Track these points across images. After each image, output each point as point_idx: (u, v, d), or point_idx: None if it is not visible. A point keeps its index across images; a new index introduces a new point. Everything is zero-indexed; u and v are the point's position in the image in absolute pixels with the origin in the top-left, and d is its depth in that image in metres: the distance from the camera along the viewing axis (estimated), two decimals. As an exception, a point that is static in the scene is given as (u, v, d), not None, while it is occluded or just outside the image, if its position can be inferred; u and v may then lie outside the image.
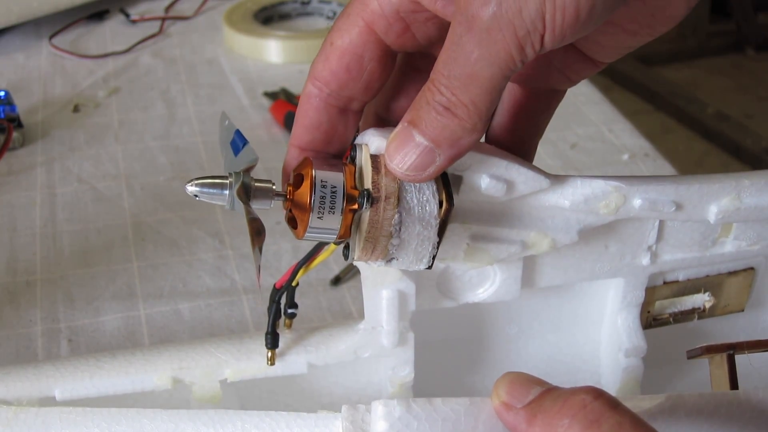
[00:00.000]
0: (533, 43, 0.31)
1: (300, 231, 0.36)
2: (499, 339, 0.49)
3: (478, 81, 0.32)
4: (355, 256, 0.37)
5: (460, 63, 0.32)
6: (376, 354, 0.44)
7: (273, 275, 0.67)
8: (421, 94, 0.34)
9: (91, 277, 0.67)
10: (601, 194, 0.40)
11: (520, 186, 0.39)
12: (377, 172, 0.35)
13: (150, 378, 0.42)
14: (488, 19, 0.31)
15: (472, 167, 0.38)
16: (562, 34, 0.31)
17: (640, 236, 0.44)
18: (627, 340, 0.47)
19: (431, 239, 0.36)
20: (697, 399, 0.35)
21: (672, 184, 0.41)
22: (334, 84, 0.38)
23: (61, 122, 0.91)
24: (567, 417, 0.29)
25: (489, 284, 0.43)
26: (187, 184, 0.36)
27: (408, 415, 0.33)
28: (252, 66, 1.03)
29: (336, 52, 0.37)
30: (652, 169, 0.83)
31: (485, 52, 0.31)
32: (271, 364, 0.43)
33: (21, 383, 0.41)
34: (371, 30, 0.37)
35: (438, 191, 0.36)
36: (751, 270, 0.49)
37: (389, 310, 0.42)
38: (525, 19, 0.30)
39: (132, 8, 1.17)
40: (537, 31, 0.31)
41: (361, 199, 0.35)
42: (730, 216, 0.43)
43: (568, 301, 0.49)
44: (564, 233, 0.41)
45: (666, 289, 0.48)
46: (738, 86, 2.84)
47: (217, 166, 0.82)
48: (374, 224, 0.35)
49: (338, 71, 0.37)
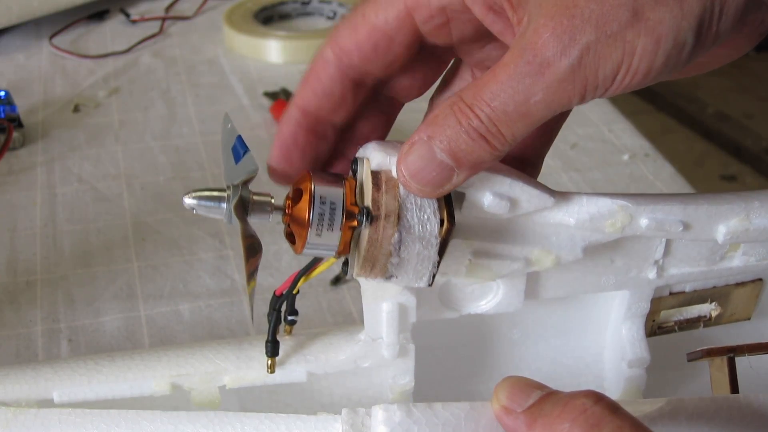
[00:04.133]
0: (595, 95, 0.31)
1: (298, 246, 0.36)
2: (502, 343, 0.49)
3: (529, 120, 0.32)
4: (354, 272, 0.36)
5: (516, 101, 0.31)
6: (377, 364, 0.43)
7: (273, 275, 0.67)
8: (450, 112, 0.33)
9: (92, 277, 0.67)
10: (607, 213, 0.39)
11: (524, 204, 0.38)
12: (378, 189, 0.35)
13: (149, 384, 0.42)
14: (565, 71, 0.30)
15: (475, 185, 0.37)
16: (622, 90, 0.31)
17: (646, 251, 0.43)
18: (631, 351, 0.46)
19: (431, 258, 0.35)
20: (698, 403, 0.35)
21: (680, 204, 0.41)
22: (357, 57, 0.37)
23: (61, 122, 0.91)
24: (567, 421, 0.29)
25: (492, 296, 0.43)
26: (185, 196, 0.35)
27: (408, 420, 0.33)
28: (252, 66, 1.03)
29: (367, 26, 0.36)
30: (653, 169, 0.83)
31: (548, 98, 0.31)
32: (271, 372, 0.42)
33: (19, 385, 0.41)
34: (410, 16, 0.36)
35: (439, 209, 0.35)
36: (760, 281, 0.48)
37: (389, 323, 0.41)
38: (599, 77, 0.31)
39: (132, 8, 1.17)
40: (605, 87, 0.31)
41: (361, 216, 0.34)
42: (738, 237, 0.42)
43: (572, 307, 0.49)
44: (568, 250, 0.40)
45: (672, 299, 0.47)
46: (738, 86, 2.84)
47: (218, 166, 0.82)
48: (373, 242, 0.35)
49: (364, 46, 0.36)
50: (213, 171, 0.82)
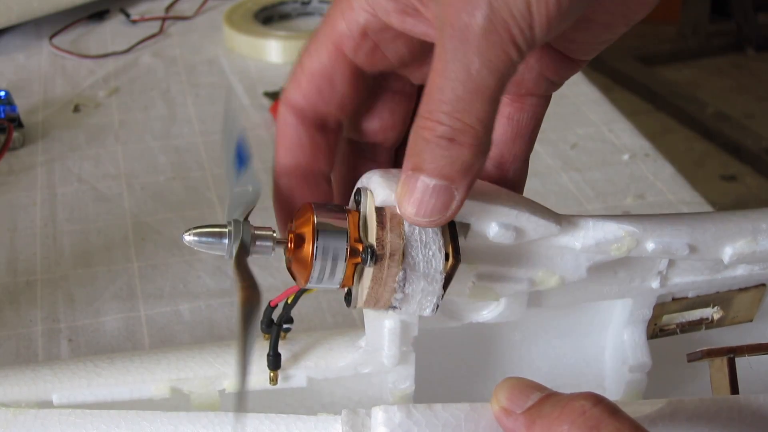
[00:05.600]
0: (526, 39, 0.30)
1: (300, 283, 0.36)
2: (503, 346, 0.49)
3: (483, 94, 0.31)
4: (357, 305, 0.36)
5: (460, 79, 0.31)
6: (377, 371, 0.43)
7: (273, 275, 0.67)
8: (417, 134, 0.32)
9: (92, 277, 0.67)
10: (613, 238, 0.39)
11: (530, 233, 0.38)
12: (382, 227, 0.34)
13: (148, 387, 0.42)
14: (483, 23, 0.30)
15: (481, 217, 0.36)
16: (548, 24, 0.30)
17: (650, 263, 0.43)
18: (632, 357, 0.46)
19: (436, 293, 0.35)
20: (698, 404, 0.35)
21: (687, 228, 0.40)
22: (307, 106, 0.37)
23: (61, 122, 0.91)
24: (566, 423, 0.29)
25: (494, 306, 0.42)
26: (184, 233, 0.35)
27: (408, 421, 0.33)
28: (252, 66, 1.03)
29: (306, 75, 0.37)
30: (653, 169, 0.83)
31: (485, 60, 0.30)
32: (274, 384, 0.42)
33: (19, 387, 0.41)
34: (340, 51, 0.36)
35: (445, 245, 0.35)
36: (763, 286, 0.48)
37: (391, 338, 0.41)
38: (516, 15, 0.30)
39: (132, 8, 1.17)
40: (527, 25, 0.30)
41: (365, 255, 0.34)
42: (744, 258, 0.41)
43: (574, 311, 0.48)
44: (573, 271, 0.40)
45: (674, 304, 0.47)
46: (738, 86, 2.84)
47: (218, 165, 0.82)
48: (377, 280, 0.34)
49: (309, 94, 0.37)
50: (213, 171, 0.82)
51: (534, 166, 0.42)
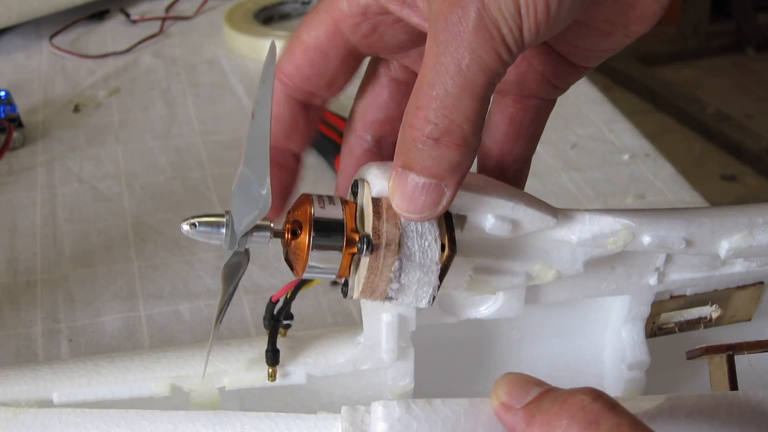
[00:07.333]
0: (516, 39, 0.31)
1: (297, 272, 0.36)
2: (501, 343, 0.49)
3: (472, 91, 0.31)
4: (354, 295, 0.36)
5: (450, 74, 0.31)
6: (376, 367, 0.43)
7: (273, 275, 0.67)
8: (406, 131, 0.32)
9: (92, 277, 0.67)
10: (610, 232, 0.39)
11: (526, 225, 0.38)
12: (378, 217, 0.34)
13: (148, 385, 0.42)
14: (475, 18, 0.30)
15: (477, 208, 0.37)
16: (536, 28, 0.31)
17: (648, 259, 0.43)
18: (631, 355, 0.46)
19: (432, 283, 0.35)
20: (697, 400, 0.35)
21: (683, 222, 0.40)
22: (297, 78, 0.38)
23: (61, 122, 0.91)
24: (565, 418, 0.29)
25: (492, 302, 0.43)
26: (182, 222, 0.35)
27: (408, 416, 0.33)
28: (252, 66, 1.03)
29: (301, 47, 0.37)
30: (653, 169, 0.83)
31: (476, 56, 0.30)
32: (272, 380, 0.42)
33: (19, 386, 0.41)
34: (338, 28, 0.37)
35: (441, 236, 0.35)
36: (761, 284, 0.48)
37: (389, 332, 0.41)
38: (506, 15, 0.30)
39: (132, 8, 1.17)
40: (517, 26, 0.30)
41: (361, 245, 0.34)
42: (741, 252, 0.41)
43: (572, 309, 0.49)
44: (570, 265, 0.40)
45: (673, 302, 0.47)
46: (738, 86, 2.84)
47: (218, 165, 0.82)
48: (373, 270, 0.35)
49: (302, 66, 0.37)
50: (213, 171, 0.82)
51: (534, 166, 0.42)
